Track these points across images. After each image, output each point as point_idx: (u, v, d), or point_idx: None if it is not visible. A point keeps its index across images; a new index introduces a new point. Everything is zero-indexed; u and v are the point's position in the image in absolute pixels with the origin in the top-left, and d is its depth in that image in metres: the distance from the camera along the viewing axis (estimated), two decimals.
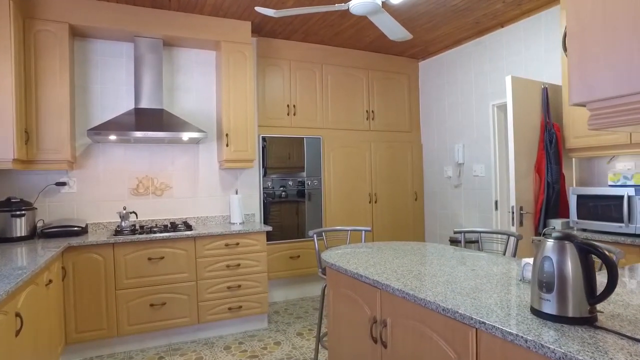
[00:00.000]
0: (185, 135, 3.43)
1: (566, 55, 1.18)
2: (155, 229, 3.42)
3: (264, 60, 4.39)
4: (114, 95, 3.68)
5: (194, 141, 3.76)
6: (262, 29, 4.14)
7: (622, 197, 2.67)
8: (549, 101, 3.19)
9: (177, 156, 3.92)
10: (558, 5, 3.51)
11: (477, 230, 2.62)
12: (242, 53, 3.84)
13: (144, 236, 3.17)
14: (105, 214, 3.64)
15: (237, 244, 3.51)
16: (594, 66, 1.04)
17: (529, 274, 1.57)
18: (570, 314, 1.14)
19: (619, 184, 2.79)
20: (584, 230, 2.92)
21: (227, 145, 3.78)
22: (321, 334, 2.95)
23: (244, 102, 3.85)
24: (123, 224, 3.45)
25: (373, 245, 2.57)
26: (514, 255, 2.34)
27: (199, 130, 3.49)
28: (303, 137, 4.50)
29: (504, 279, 1.63)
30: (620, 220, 2.68)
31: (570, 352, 0.95)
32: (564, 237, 1.20)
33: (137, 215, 3.61)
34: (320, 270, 2.76)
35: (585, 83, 1.06)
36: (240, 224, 3.91)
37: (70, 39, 3.34)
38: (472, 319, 1.22)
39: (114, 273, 3.10)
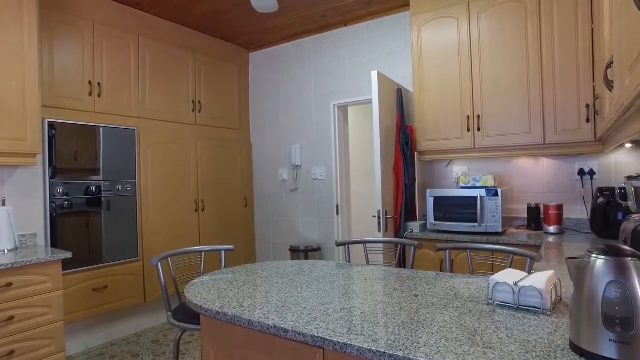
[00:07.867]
0: None
1: None
2: None
3: (52, 15, 3.06)
4: None
5: None
6: None
7: (475, 198, 2.80)
8: (403, 102, 3.17)
9: None
10: (405, 12, 3.58)
11: (363, 240, 2.29)
12: None
13: None
14: None
15: (9, 284, 2.23)
16: None
17: (501, 295, 1.26)
18: None
19: (469, 185, 2.94)
20: (440, 231, 2.97)
21: None
22: None
23: (20, 66, 2.54)
24: None
25: (247, 270, 1.92)
26: (412, 266, 2.09)
27: None
28: (111, 127, 3.36)
29: (470, 305, 1.28)
30: (474, 220, 2.80)
31: None
32: (617, 252, 0.90)
33: None
34: (170, 313, 1.92)
35: None
36: (11, 251, 2.56)
37: None
38: None
39: None
